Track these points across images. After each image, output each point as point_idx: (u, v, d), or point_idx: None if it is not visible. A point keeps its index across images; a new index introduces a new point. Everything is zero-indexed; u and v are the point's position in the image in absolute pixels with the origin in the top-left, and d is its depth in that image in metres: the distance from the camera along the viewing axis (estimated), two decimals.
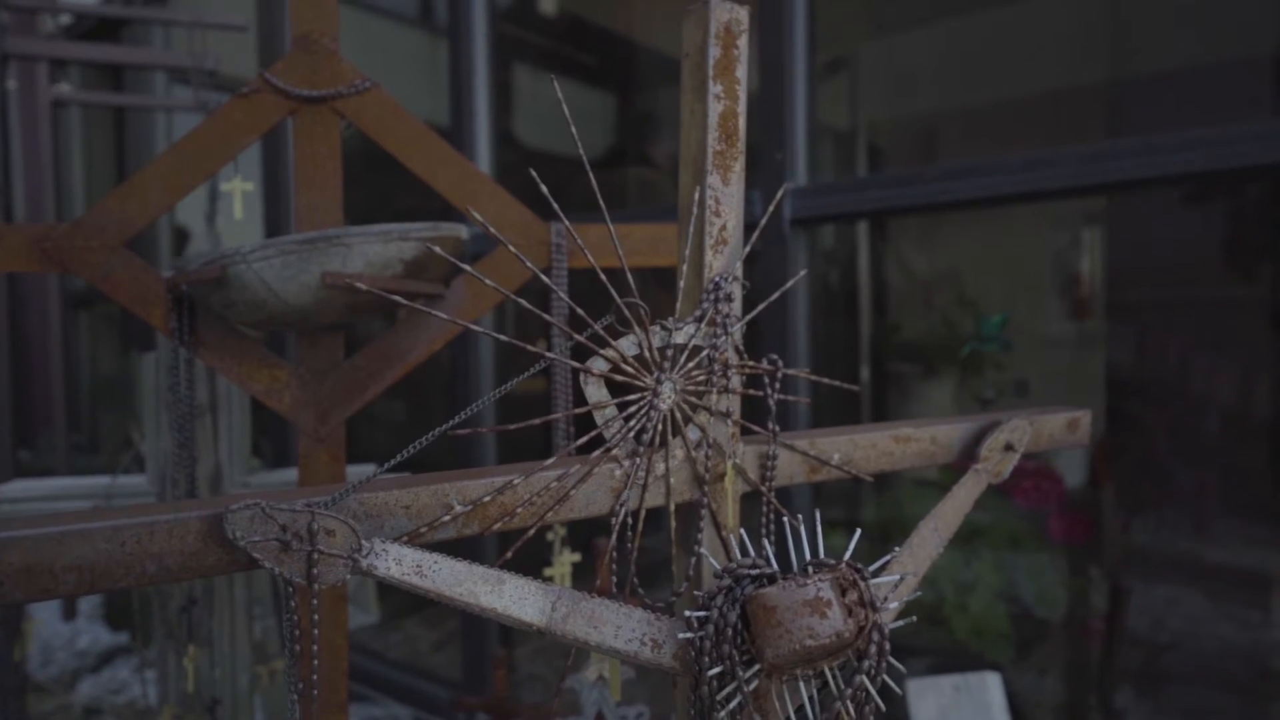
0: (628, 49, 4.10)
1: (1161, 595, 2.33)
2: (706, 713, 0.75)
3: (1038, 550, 2.41)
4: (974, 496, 1.14)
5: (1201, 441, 2.28)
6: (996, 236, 2.95)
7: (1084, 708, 2.46)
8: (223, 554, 0.73)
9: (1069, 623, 2.46)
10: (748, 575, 0.75)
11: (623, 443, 0.93)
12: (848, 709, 0.72)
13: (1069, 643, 2.47)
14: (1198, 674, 2.23)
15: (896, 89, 3.17)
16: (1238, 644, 2.18)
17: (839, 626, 0.69)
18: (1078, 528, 2.38)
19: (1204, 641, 2.23)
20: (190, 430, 1.65)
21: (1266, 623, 2.17)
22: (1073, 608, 2.44)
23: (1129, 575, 2.37)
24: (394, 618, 4.61)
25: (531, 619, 0.81)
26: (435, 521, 0.83)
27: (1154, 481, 2.37)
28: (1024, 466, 2.56)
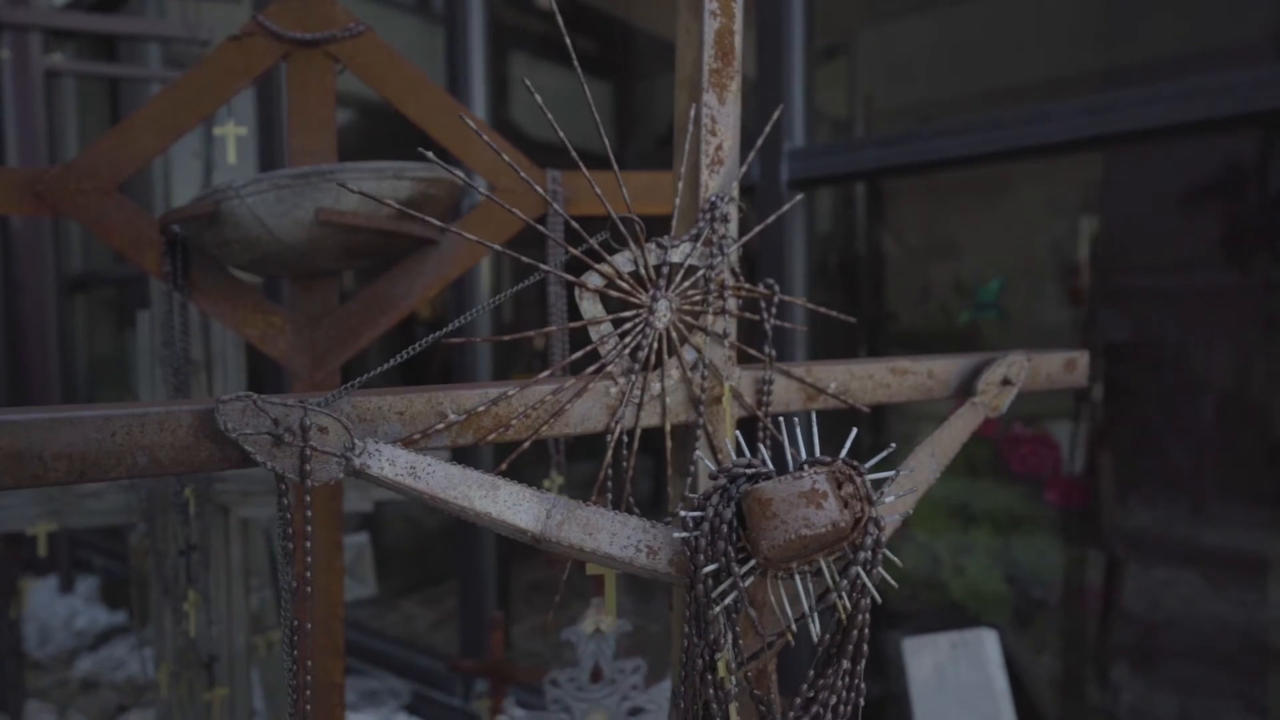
0: (628, 35, 4.09)
1: (1158, 577, 2.33)
2: (702, 612, 0.74)
3: (1034, 516, 2.41)
4: (970, 428, 1.14)
5: (1198, 425, 2.28)
6: (996, 225, 2.95)
7: (1080, 672, 2.46)
8: (214, 449, 0.72)
9: (1065, 588, 2.46)
10: (743, 474, 0.75)
11: (618, 360, 0.93)
12: (844, 601, 0.72)
13: (1064, 608, 2.47)
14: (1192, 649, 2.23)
15: (894, 76, 3.16)
16: (1232, 623, 2.19)
17: (835, 517, 0.69)
18: (1074, 493, 2.38)
19: (1200, 622, 2.23)
20: (185, 384, 1.64)
21: (1262, 602, 2.17)
22: (1069, 574, 2.44)
23: (1124, 546, 2.37)
24: (392, 597, 4.62)
25: (526, 525, 0.80)
26: (429, 429, 0.83)
27: (1150, 465, 2.37)
28: (1021, 434, 2.56)
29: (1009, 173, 2.63)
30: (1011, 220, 2.76)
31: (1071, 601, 2.50)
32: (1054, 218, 2.77)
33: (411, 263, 1.47)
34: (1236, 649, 2.19)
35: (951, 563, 2.25)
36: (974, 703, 1.84)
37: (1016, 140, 1.80)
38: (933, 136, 1.92)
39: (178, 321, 1.57)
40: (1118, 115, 1.67)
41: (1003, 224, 2.78)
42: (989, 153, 1.84)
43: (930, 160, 1.93)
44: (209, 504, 1.87)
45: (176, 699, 1.86)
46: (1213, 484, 2.25)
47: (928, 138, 1.93)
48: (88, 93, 5.39)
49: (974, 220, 2.80)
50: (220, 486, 1.88)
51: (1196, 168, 2.10)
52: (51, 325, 5.50)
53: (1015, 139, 1.80)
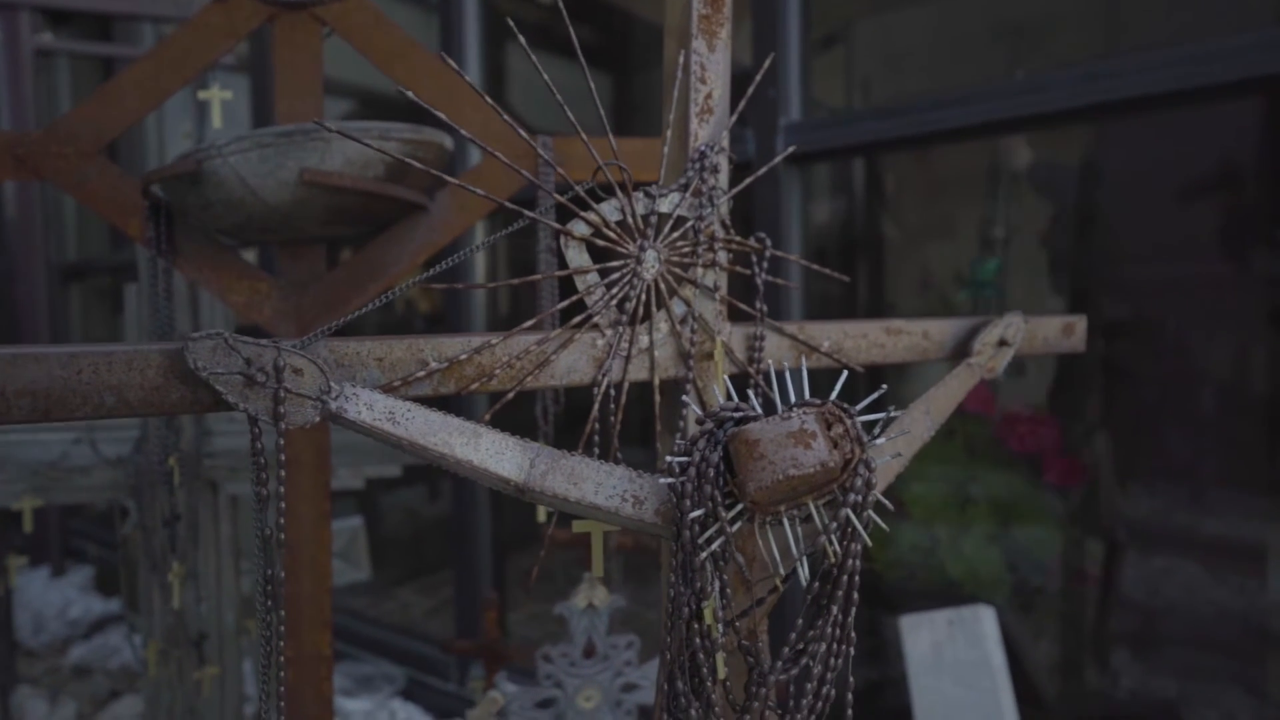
0: (626, 26, 4.05)
1: (1158, 565, 2.31)
2: (689, 559, 0.72)
3: (1032, 496, 2.39)
4: (966, 388, 1.12)
5: (1197, 415, 2.25)
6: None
7: (1078, 654, 2.45)
8: (186, 391, 0.70)
9: (1064, 568, 2.44)
10: (731, 418, 0.72)
11: (605, 311, 0.91)
12: (832, 544, 0.70)
13: (1063, 589, 2.45)
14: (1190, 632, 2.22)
15: (892, 66, 3.14)
16: (1231, 609, 2.17)
17: (824, 457, 0.67)
18: (1072, 471, 2.36)
19: (1199, 606, 2.22)
20: None
21: (1262, 589, 2.15)
22: (1067, 555, 2.43)
23: (1123, 530, 2.35)
24: (389, 585, 4.60)
25: (509, 474, 0.78)
26: (409, 377, 0.81)
27: (1150, 455, 2.35)
28: (1019, 413, 2.55)
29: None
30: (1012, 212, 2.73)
31: (1070, 582, 2.49)
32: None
33: (400, 229, 1.44)
34: (1236, 633, 2.17)
35: (949, 543, 2.23)
36: (971, 679, 1.82)
37: (1015, 110, 1.77)
38: (929, 109, 1.90)
39: (161, 288, 1.54)
40: (1117, 82, 1.64)
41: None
42: (987, 123, 1.82)
43: (928, 132, 1.91)
44: (197, 480, 1.85)
45: (166, 677, 1.84)
46: (1213, 468, 2.23)
47: (924, 110, 1.91)
48: (82, 72, 5.36)
49: (974, 213, 2.77)
50: (209, 462, 1.86)
51: (1193, 148, 2.08)
52: (44, 313, 5.47)
53: (1013, 108, 1.78)
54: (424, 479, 4.87)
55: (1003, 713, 1.77)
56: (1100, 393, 2.47)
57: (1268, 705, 2.14)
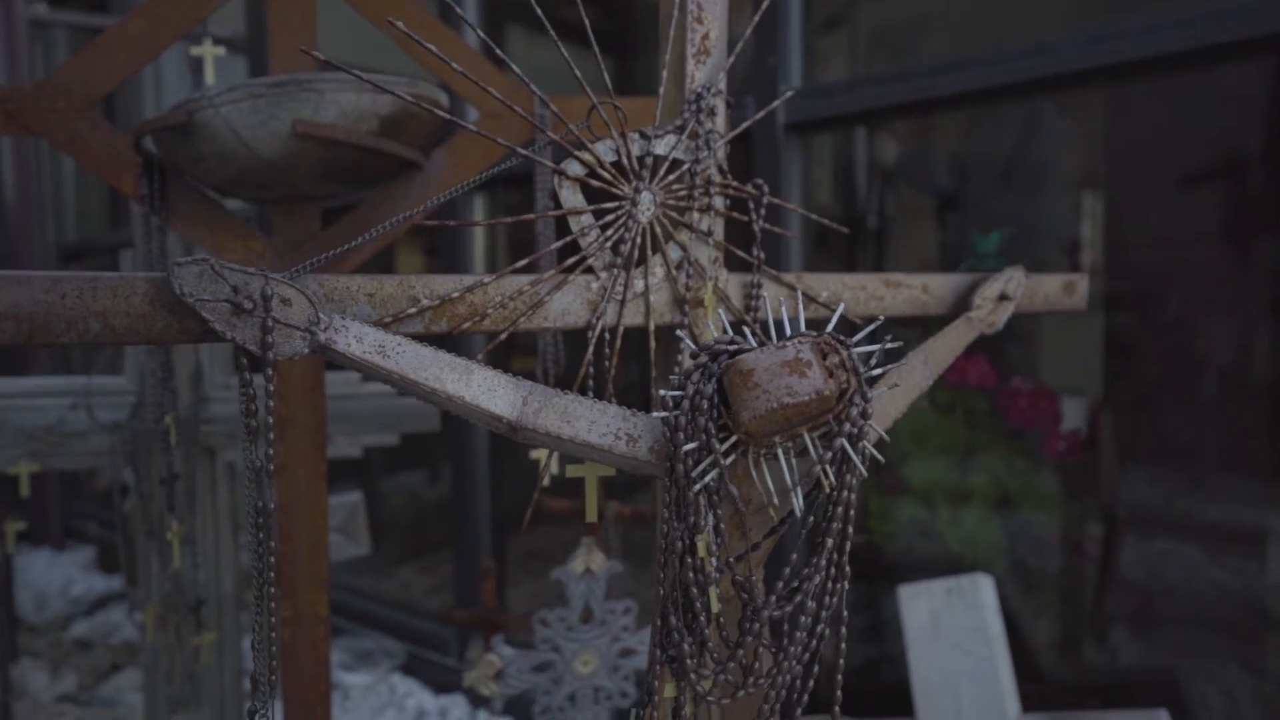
0: (628, 7, 4.02)
1: (1159, 548, 2.30)
2: (682, 494, 0.72)
3: (1032, 469, 2.38)
4: (965, 341, 1.11)
5: (1201, 402, 2.23)
6: (997, 200, 2.90)
7: (1077, 627, 2.45)
8: (172, 319, 0.69)
9: (1064, 541, 2.44)
10: (725, 350, 0.72)
11: (599, 254, 0.90)
12: (827, 474, 0.69)
13: (1064, 561, 2.45)
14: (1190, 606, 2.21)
15: (895, 49, 3.10)
16: (1231, 588, 2.16)
17: (819, 386, 0.66)
18: (1073, 446, 2.36)
19: (1199, 585, 2.21)
20: None
21: (1261, 571, 2.14)
22: (1068, 528, 2.42)
23: (1123, 507, 2.33)
24: (389, 565, 4.61)
25: (501, 412, 0.77)
26: (401, 314, 0.80)
27: (1153, 441, 2.33)
28: (1020, 387, 2.53)
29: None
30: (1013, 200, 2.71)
31: (1069, 557, 2.48)
32: (1058, 193, 2.73)
33: (395, 187, 1.43)
34: (1236, 610, 2.16)
35: (949, 515, 2.22)
36: (969, 646, 1.82)
37: (1017, 74, 1.75)
38: (931, 74, 1.88)
39: (155, 248, 1.53)
40: (1121, 44, 1.62)
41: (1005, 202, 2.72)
42: (990, 87, 1.80)
43: (930, 98, 1.89)
44: (195, 446, 1.84)
45: (164, 643, 1.84)
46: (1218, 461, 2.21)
47: (926, 75, 1.89)
48: (79, 45, 5.34)
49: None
50: (205, 429, 1.86)
51: (1200, 135, 2.05)
52: None
53: (1016, 72, 1.76)
54: (425, 463, 4.88)
55: (1000, 679, 1.77)
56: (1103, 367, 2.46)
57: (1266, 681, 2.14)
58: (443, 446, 3.80)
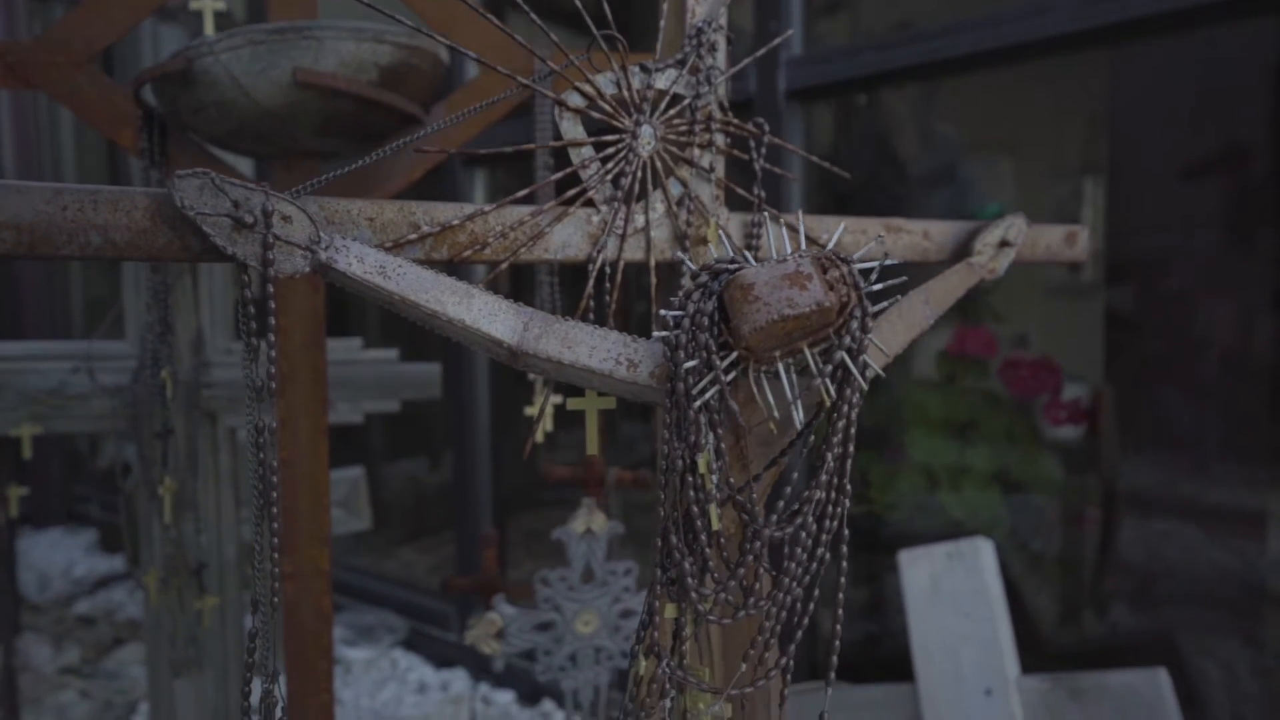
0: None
1: (1159, 529, 2.30)
2: (683, 412, 0.72)
3: (1033, 438, 2.38)
4: (965, 285, 1.10)
5: (1200, 389, 2.23)
6: (999, 189, 2.89)
7: (1077, 596, 2.45)
8: (173, 235, 0.69)
9: (1064, 510, 2.44)
10: (726, 269, 0.72)
11: (600, 187, 0.90)
12: (828, 388, 0.69)
13: (1064, 532, 2.45)
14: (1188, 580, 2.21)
15: (897, 29, 3.09)
16: (1230, 568, 2.17)
17: (819, 297, 0.66)
18: (1074, 413, 2.36)
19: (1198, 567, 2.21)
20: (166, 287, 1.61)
21: (1261, 553, 2.15)
22: (1067, 500, 2.43)
23: (1123, 485, 2.33)
24: (391, 546, 4.62)
25: (502, 336, 0.77)
26: (401, 239, 0.80)
27: (1154, 427, 2.32)
28: (1021, 358, 2.54)
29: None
30: (1015, 188, 2.70)
31: (1069, 526, 2.49)
32: (1058, 181, 2.73)
33: (395, 141, 1.43)
34: (1235, 589, 2.17)
35: (949, 483, 2.23)
36: (969, 608, 1.82)
37: (1018, 35, 1.75)
38: (931, 37, 1.88)
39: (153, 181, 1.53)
40: (1122, 3, 1.62)
41: (1006, 190, 2.71)
42: (990, 50, 1.79)
43: (931, 61, 1.88)
44: (195, 410, 1.85)
45: (167, 606, 1.84)
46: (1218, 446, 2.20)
47: (927, 39, 1.88)
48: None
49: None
50: (207, 393, 1.86)
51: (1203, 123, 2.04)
52: (44, 278, 5.46)
53: (1016, 34, 1.75)
54: (425, 449, 4.89)
55: (1000, 641, 1.78)
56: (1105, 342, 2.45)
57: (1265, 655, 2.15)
58: (444, 431, 3.81)
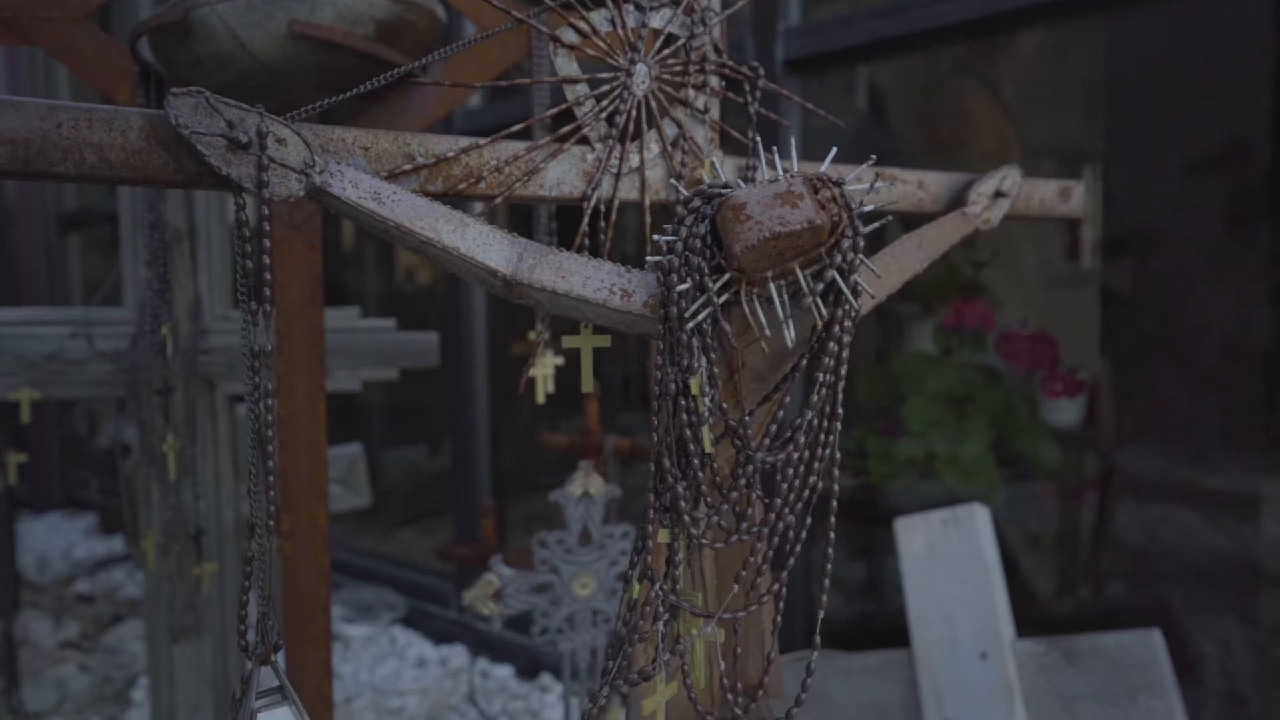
0: None
1: (1155, 513, 2.30)
2: (676, 336, 0.72)
3: (1030, 411, 2.39)
4: (959, 234, 1.11)
5: (1197, 377, 2.23)
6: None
7: (1074, 568, 2.46)
8: (168, 157, 0.69)
9: (1061, 483, 2.45)
10: (718, 193, 0.72)
11: (594, 124, 0.90)
12: (819, 307, 0.69)
13: (1061, 502, 2.46)
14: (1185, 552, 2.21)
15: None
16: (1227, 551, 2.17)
17: (810, 215, 0.66)
18: (1071, 385, 2.36)
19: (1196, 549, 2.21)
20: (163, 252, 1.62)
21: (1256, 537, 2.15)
22: (1064, 479, 2.43)
23: (1118, 465, 2.33)
24: (391, 528, 4.64)
25: (496, 265, 0.78)
26: (396, 170, 0.80)
27: (1151, 413, 2.32)
28: (1019, 332, 2.54)
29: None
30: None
31: (1066, 498, 2.49)
32: (1058, 169, 2.72)
33: (391, 100, 1.43)
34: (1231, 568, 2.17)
35: (946, 453, 2.23)
36: (965, 574, 1.83)
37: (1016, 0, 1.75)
38: (931, 3, 1.88)
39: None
40: None
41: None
42: (992, 14, 1.79)
43: (930, 28, 1.88)
44: (194, 377, 1.85)
45: (166, 571, 1.85)
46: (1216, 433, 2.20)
47: (926, 4, 1.88)
48: None
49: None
50: (205, 359, 1.86)
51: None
52: (42, 262, 5.46)
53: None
54: (425, 437, 4.91)
55: (996, 605, 1.78)
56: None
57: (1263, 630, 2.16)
58: (444, 419, 3.83)
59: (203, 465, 1.87)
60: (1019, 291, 2.66)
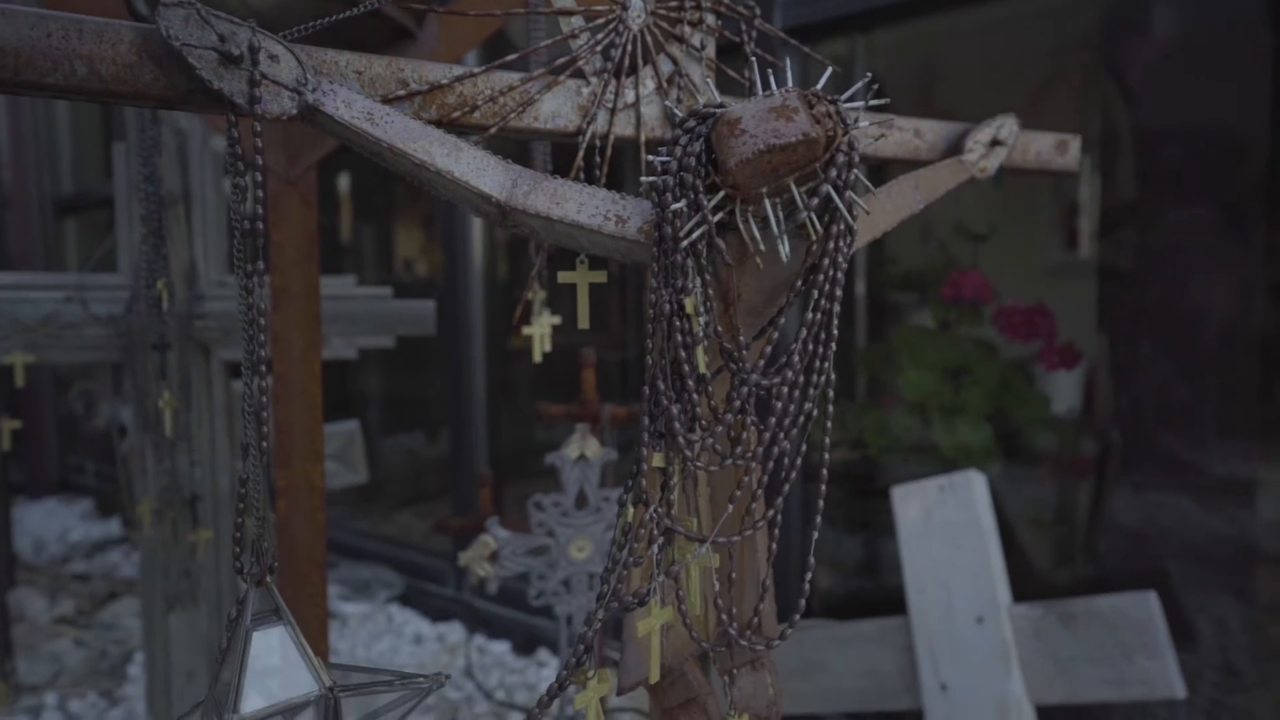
0: None
1: (1153, 498, 2.30)
2: (670, 257, 0.72)
3: (1027, 381, 2.39)
4: (955, 180, 1.11)
5: (1195, 364, 2.22)
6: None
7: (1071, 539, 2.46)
8: (159, 72, 0.69)
9: (1058, 457, 2.45)
10: (712, 112, 0.72)
11: (590, 58, 0.89)
12: (814, 223, 0.69)
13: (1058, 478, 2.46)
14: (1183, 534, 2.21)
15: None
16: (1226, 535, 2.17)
17: (805, 128, 0.66)
18: (1069, 357, 2.36)
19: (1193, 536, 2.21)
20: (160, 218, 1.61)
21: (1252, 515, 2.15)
22: (1061, 441, 2.43)
23: (1115, 451, 2.33)
24: (388, 511, 4.64)
25: (491, 190, 0.77)
26: (389, 95, 0.79)
27: (1148, 402, 2.32)
28: (1016, 306, 2.54)
29: None
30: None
31: (1063, 472, 2.50)
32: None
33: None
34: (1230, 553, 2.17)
35: (942, 423, 2.23)
36: (961, 540, 1.83)
37: None
38: None
39: (149, 137, 1.53)
40: None
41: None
42: None
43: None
44: (189, 342, 1.85)
45: (160, 538, 1.85)
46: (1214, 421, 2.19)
47: None
48: None
49: None
50: (200, 324, 1.86)
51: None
52: (38, 246, 5.45)
53: None
54: (423, 425, 4.91)
55: (992, 570, 1.79)
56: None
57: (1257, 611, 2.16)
58: (440, 408, 3.82)
59: (198, 432, 1.87)
60: (1014, 281, 2.65)
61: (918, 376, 2.28)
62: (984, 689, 1.75)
